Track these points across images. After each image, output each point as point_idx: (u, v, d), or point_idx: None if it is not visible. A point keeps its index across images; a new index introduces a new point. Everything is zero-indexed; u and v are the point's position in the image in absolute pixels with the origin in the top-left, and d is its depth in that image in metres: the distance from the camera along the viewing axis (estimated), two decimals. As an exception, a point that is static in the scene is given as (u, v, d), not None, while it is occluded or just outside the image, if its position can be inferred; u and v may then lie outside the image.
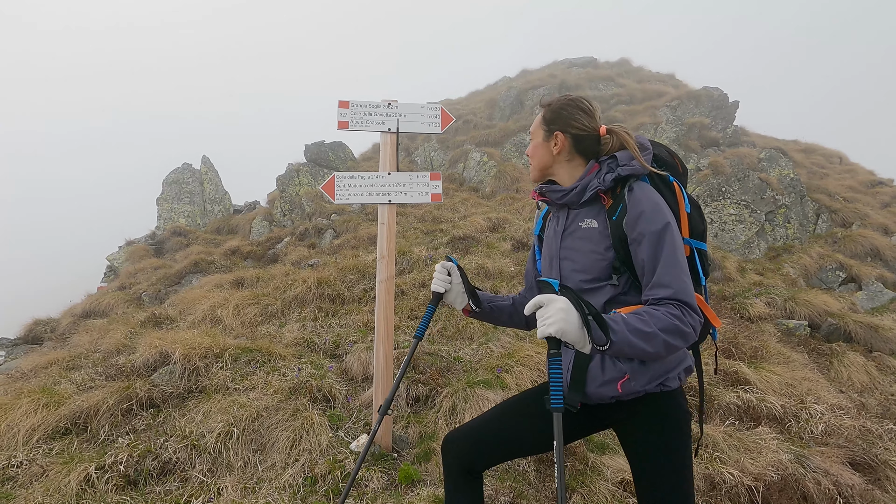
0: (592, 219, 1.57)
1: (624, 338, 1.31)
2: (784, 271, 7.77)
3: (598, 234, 1.55)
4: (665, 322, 1.34)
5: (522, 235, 7.67)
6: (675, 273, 1.41)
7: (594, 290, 1.55)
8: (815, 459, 3.17)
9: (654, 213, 1.45)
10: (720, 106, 13.28)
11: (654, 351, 1.33)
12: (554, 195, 1.65)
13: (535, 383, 3.74)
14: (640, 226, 1.45)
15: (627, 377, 1.50)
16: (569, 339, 1.30)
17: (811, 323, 5.97)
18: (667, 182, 1.58)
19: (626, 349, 1.32)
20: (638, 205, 1.47)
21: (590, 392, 1.55)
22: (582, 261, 1.58)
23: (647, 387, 1.50)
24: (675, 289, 1.39)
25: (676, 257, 1.43)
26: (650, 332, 1.32)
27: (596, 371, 1.54)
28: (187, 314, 5.68)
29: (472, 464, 1.75)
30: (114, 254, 11.71)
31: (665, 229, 1.43)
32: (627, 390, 1.50)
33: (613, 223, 1.51)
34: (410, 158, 13.95)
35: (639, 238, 1.45)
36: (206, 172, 13.97)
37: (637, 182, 1.53)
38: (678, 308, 1.37)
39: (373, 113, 3.29)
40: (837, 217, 9.36)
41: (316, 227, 9.66)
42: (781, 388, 4.13)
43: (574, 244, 1.61)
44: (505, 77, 19.93)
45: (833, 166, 13.22)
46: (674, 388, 1.54)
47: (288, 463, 2.98)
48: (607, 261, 1.52)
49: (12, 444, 3.02)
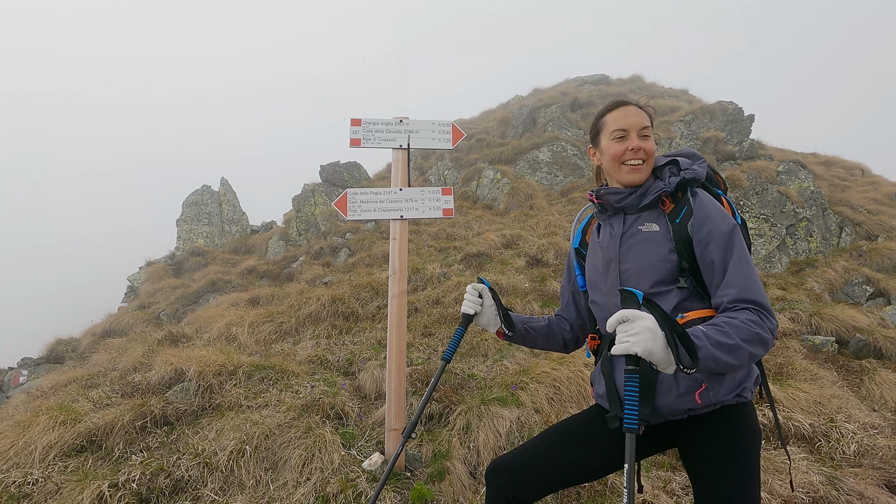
0: (653, 222, 1.53)
1: (709, 353, 1.24)
2: (808, 286, 7.55)
3: (660, 236, 1.50)
4: (746, 331, 1.28)
5: (536, 252, 7.61)
6: (747, 273, 1.37)
7: (660, 294, 1.49)
8: (849, 481, 3.01)
9: (722, 216, 1.45)
10: (735, 120, 13.17)
11: (738, 363, 1.27)
12: (613, 197, 1.59)
13: (550, 400, 3.66)
14: (707, 226, 1.44)
15: (705, 386, 1.43)
16: (654, 359, 1.21)
17: (838, 339, 5.75)
18: (716, 195, 1.59)
19: (712, 365, 1.25)
20: (704, 207, 1.47)
21: (663, 406, 1.47)
22: (645, 263, 1.52)
23: (725, 396, 1.44)
24: (744, 287, 1.35)
25: (747, 258, 1.40)
26: (734, 345, 1.26)
27: (669, 382, 1.46)
28: (203, 332, 5.73)
29: (519, 493, 1.62)
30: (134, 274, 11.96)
31: (734, 231, 1.42)
32: (707, 401, 1.43)
33: (677, 226, 1.48)
34: (424, 177, 14.07)
35: (707, 239, 1.43)
36: (225, 194, 14.26)
37: (699, 187, 1.55)
38: (755, 313, 1.32)
39: (384, 130, 3.32)
40: (862, 230, 9.11)
41: (331, 246, 9.75)
42: (809, 407, 3.96)
43: (635, 247, 1.55)
44: (517, 96, 20.14)
45: (855, 178, 12.93)
46: (749, 400, 1.49)
47: (300, 482, 2.93)
48: (672, 263, 1.48)
49: (29, 461, 3.04)
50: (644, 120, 1.59)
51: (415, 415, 1.79)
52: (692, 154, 1.62)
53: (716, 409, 1.46)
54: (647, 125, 1.59)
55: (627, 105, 1.61)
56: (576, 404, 3.72)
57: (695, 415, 1.48)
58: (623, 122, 1.58)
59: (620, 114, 1.60)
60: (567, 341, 1.86)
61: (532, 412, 3.54)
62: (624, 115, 1.59)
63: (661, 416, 1.51)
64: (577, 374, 3.91)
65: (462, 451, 3.22)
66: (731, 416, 1.46)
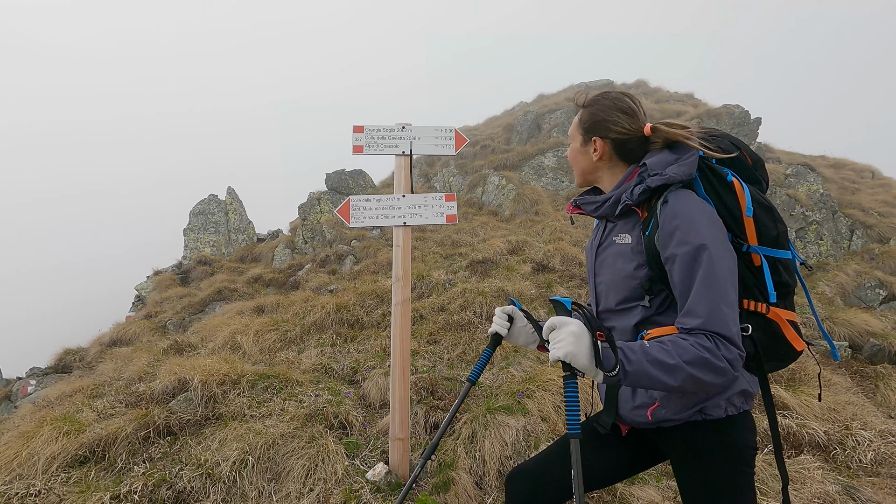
0: (627, 233, 1.43)
1: (640, 368, 1.18)
2: (819, 290, 7.44)
3: (629, 250, 1.41)
4: (692, 354, 1.19)
5: (542, 258, 7.56)
6: (709, 300, 1.22)
7: (625, 310, 1.45)
8: (866, 491, 2.92)
9: (688, 231, 1.26)
10: (742, 123, 13.08)
11: (677, 385, 1.19)
12: (588, 207, 1.53)
13: (557, 409, 3.60)
14: (671, 245, 1.29)
15: (658, 404, 1.38)
16: (578, 364, 1.19)
17: (852, 344, 5.64)
18: (724, 182, 1.38)
19: (644, 380, 1.20)
20: (671, 220, 1.29)
21: (624, 415, 1.49)
22: (613, 279, 1.46)
23: (680, 415, 1.36)
24: (705, 318, 1.22)
25: (714, 281, 1.23)
26: (673, 364, 1.18)
27: (626, 395, 1.47)
28: (208, 341, 5.72)
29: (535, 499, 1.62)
30: (142, 283, 12.01)
31: (699, 250, 1.24)
32: (658, 418, 1.39)
33: (646, 238, 1.35)
34: (430, 184, 14.07)
35: (671, 258, 1.29)
36: (231, 203, 14.34)
37: (675, 192, 1.33)
38: (711, 340, 1.20)
39: (387, 137, 3.31)
40: (873, 232, 8.98)
41: (336, 254, 9.75)
42: (823, 414, 3.87)
43: (607, 261, 1.50)
44: (521, 102, 20.16)
45: (865, 181, 12.79)
46: (719, 418, 1.35)
47: (303, 493, 2.89)
48: (638, 280, 1.39)
49: (32, 472, 3.02)
50: (572, 128, 1.61)
51: (435, 437, 1.76)
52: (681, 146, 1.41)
53: (680, 423, 1.39)
54: (571, 132, 1.61)
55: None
56: (583, 413, 3.66)
57: (661, 428, 1.44)
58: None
59: None
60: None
61: (539, 421, 3.48)
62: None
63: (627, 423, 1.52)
64: (584, 383, 3.84)
65: (467, 461, 3.17)
66: (698, 433, 1.37)
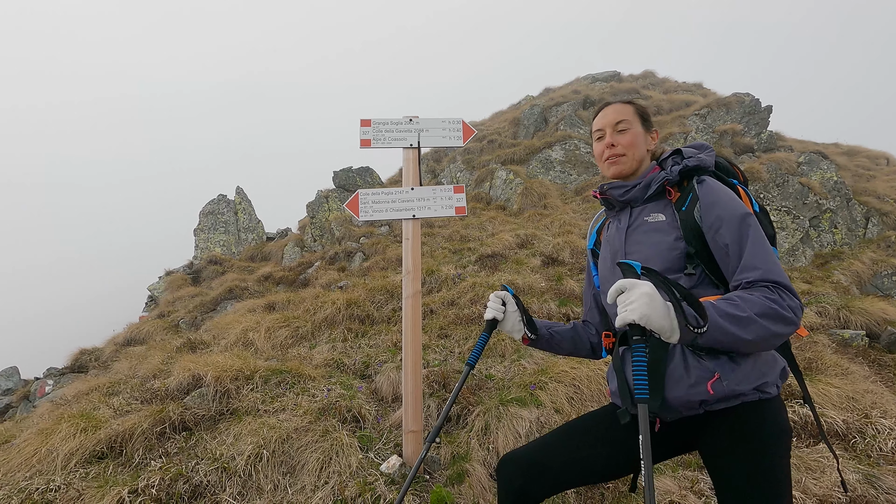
0: (660, 213, 1.51)
1: (715, 323, 1.16)
2: (834, 279, 7.32)
3: (666, 225, 1.48)
4: (761, 305, 1.20)
5: (552, 251, 7.52)
6: (765, 254, 1.30)
7: None
8: (888, 479, 2.87)
9: (732, 200, 1.40)
10: (752, 111, 12.90)
11: (751, 339, 1.18)
12: (616, 192, 1.59)
13: (569, 400, 3.58)
14: (715, 210, 1.39)
15: (718, 376, 1.33)
16: (653, 325, 1.15)
17: (869, 332, 5.55)
18: (731, 185, 1.52)
19: (720, 336, 1.17)
20: (711, 193, 1.42)
21: (674, 398, 1.37)
22: (650, 253, 1.48)
23: (741, 387, 1.32)
24: (765, 269, 1.27)
25: (764, 242, 1.33)
26: (745, 317, 1.18)
27: (679, 371, 1.37)
28: (221, 338, 5.76)
29: (526, 489, 1.57)
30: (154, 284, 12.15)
31: (748, 215, 1.36)
32: (720, 392, 1.32)
33: (683, 213, 1.45)
34: (437, 180, 14.06)
35: (717, 223, 1.37)
36: (240, 202, 14.44)
37: (706, 175, 1.50)
38: (774, 291, 1.24)
39: (394, 130, 3.30)
40: (889, 220, 8.82)
41: (345, 251, 9.78)
42: (842, 402, 3.81)
43: (641, 238, 1.52)
44: (528, 95, 20.04)
45: (880, 168, 12.56)
46: (773, 396, 1.37)
47: (317, 485, 2.91)
48: (679, 250, 1.43)
49: (51, 468, 3.06)
50: (620, 115, 1.62)
51: (438, 420, 1.75)
52: (700, 145, 1.59)
53: (734, 405, 1.35)
54: (624, 119, 1.61)
55: (607, 106, 1.68)
56: (597, 403, 3.63)
57: (711, 410, 1.37)
58: (600, 122, 1.66)
59: (599, 116, 1.68)
60: (594, 346, 1.78)
61: (552, 412, 3.46)
62: (602, 116, 1.66)
63: (676, 412, 1.42)
64: (596, 373, 3.82)
65: (481, 453, 3.16)
66: (755, 414, 1.34)
